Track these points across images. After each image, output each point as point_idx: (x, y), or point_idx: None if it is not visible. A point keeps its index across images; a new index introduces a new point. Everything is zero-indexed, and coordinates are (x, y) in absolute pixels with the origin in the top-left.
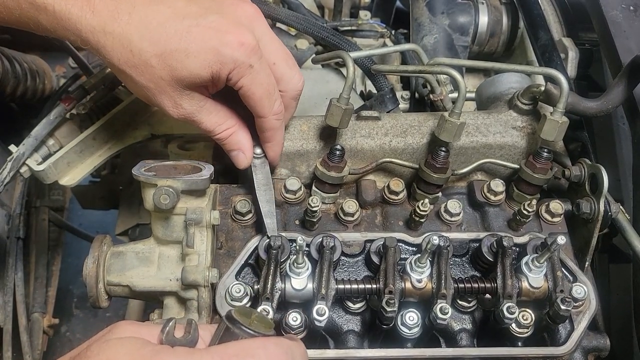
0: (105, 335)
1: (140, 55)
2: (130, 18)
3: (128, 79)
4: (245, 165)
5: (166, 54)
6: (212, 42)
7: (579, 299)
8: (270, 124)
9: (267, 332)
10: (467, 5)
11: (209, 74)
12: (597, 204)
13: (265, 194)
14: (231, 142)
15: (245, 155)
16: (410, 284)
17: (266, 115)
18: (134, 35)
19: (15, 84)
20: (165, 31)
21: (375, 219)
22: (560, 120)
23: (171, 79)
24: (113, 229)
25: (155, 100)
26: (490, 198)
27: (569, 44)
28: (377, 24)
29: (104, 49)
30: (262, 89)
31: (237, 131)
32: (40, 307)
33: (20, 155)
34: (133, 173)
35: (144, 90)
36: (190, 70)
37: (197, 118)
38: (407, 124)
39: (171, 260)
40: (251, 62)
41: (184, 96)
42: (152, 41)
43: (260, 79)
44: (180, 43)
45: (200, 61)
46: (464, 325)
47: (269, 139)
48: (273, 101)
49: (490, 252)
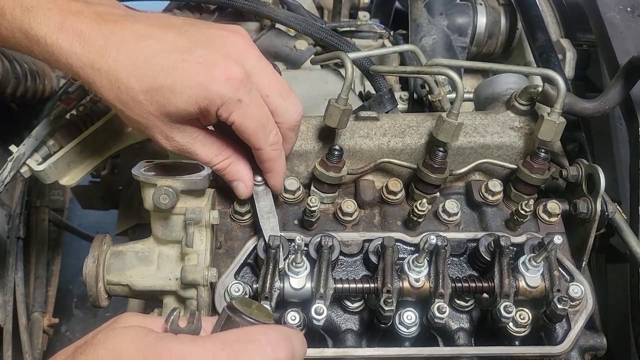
0: (110, 325)
1: (128, 92)
2: (118, 54)
3: (120, 113)
4: (246, 195)
5: (153, 90)
6: (198, 77)
7: (576, 299)
8: (268, 155)
9: (267, 320)
10: (466, 6)
11: (196, 110)
12: (594, 204)
13: (269, 222)
14: (230, 172)
15: (245, 185)
16: (408, 283)
17: (262, 147)
18: (121, 72)
19: (15, 85)
20: (152, 67)
21: (373, 219)
22: (557, 120)
23: (159, 114)
24: (113, 229)
25: (148, 133)
26: (488, 198)
27: (567, 45)
28: (376, 25)
29: (94, 85)
30: (254, 122)
31: (234, 161)
32: (40, 307)
33: (20, 155)
34: (132, 173)
35: (134, 124)
36: (177, 106)
37: (192, 150)
38: (405, 124)
39: (170, 260)
40: (239, 96)
41: (175, 129)
42: (139, 78)
43: (252, 113)
44: (166, 80)
45: (186, 97)
46: (462, 325)
47: (269, 170)
48: (267, 132)
49: (487, 251)
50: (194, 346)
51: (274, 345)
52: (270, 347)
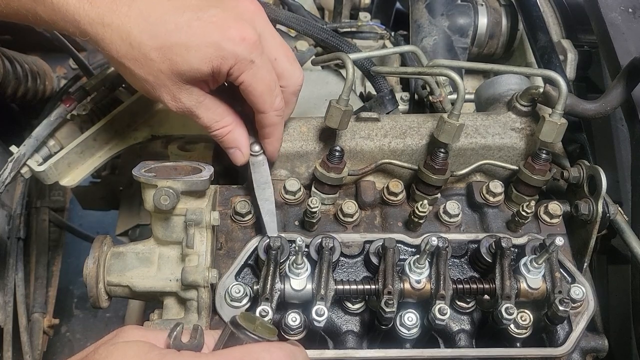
0: (112, 339)
1: (140, 49)
2: (130, 10)
3: (127, 72)
4: (243, 162)
5: (166, 47)
6: (213, 36)
7: (577, 300)
8: (271, 119)
9: (271, 337)
10: (467, 7)
11: (209, 69)
12: (595, 205)
13: (264, 192)
14: (228, 139)
15: (242, 153)
16: (409, 284)
17: (267, 110)
18: (133, 28)
19: (16, 85)
20: (165, 24)
21: (374, 220)
22: (559, 121)
23: (171, 72)
24: (113, 230)
25: (154, 93)
26: (489, 199)
27: (568, 45)
28: (377, 26)
29: (103, 41)
30: (263, 84)
31: (234, 129)
32: (40, 308)
33: (21, 155)
34: (133, 174)
35: (142, 82)
36: (191, 64)
37: (196, 113)
38: (406, 125)
39: (171, 261)
40: (252, 57)
41: (183, 91)
42: (152, 34)
43: (262, 75)
44: (180, 37)
45: (200, 55)
46: (463, 326)
47: (268, 135)
48: (274, 97)
49: (489, 253)
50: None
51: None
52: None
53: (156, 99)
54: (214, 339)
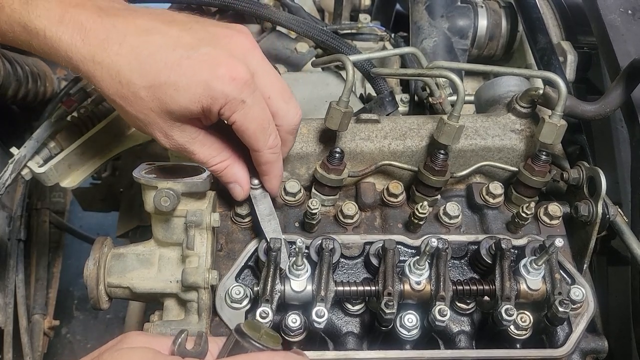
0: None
1: (129, 87)
2: (120, 48)
3: (119, 108)
4: (242, 197)
5: (155, 86)
6: (202, 75)
7: (577, 301)
8: (266, 158)
9: (275, 346)
10: (467, 8)
11: (199, 108)
12: (595, 206)
13: (270, 224)
14: (227, 175)
15: (242, 188)
16: (409, 286)
17: (261, 149)
18: (123, 66)
19: (16, 87)
20: (155, 63)
21: (374, 222)
22: (558, 123)
23: (161, 111)
24: (113, 231)
25: (147, 130)
26: (489, 200)
27: (568, 47)
28: (377, 27)
29: (94, 78)
30: (255, 123)
31: (232, 164)
32: (40, 309)
33: (21, 157)
34: (133, 175)
35: (134, 120)
36: (180, 104)
37: (190, 149)
38: (406, 126)
39: (171, 262)
40: (243, 97)
41: (175, 128)
42: (141, 73)
43: (254, 114)
44: (170, 76)
45: (190, 95)
46: (463, 327)
47: (266, 172)
48: (267, 135)
49: (488, 254)
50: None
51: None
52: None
53: (150, 135)
54: (218, 347)
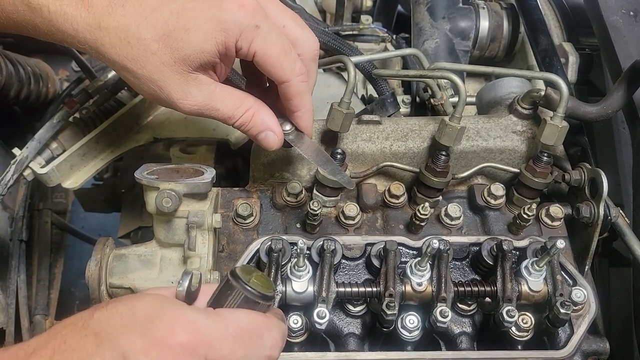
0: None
1: (139, 44)
2: (125, 10)
3: (131, 76)
4: (279, 144)
5: (165, 36)
6: (210, 11)
7: (579, 303)
8: (296, 87)
9: (265, 291)
10: (468, 10)
11: (214, 46)
12: (597, 208)
13: (320, 158)
14: (256, 123)
15: (275, 133)
16: (410, 287)
17: (289, 78)
18: (131, 25)
19: (19, 88)
20: (161, 14)
21: (376, 223)
22: (560, 124)
23: (174, 62)
24: (115, 232)
25: (163, 94)
26: (491, 202)
27: (570, 48)
28: (379, 29)
29: (103, 47)
30: (277, 48)
31: (258, 110)
32: (42, 310)
33: (23, 158)
34: (135, 176)
35: (148, 84)
36: (194, 46)
37: (211, 105)
38: (407, 128)
39: (173, 263)
40: (256, 22)
41: (192, 82)
42: (149, 27)
43: (272, 39)
44: (178, 21)
45: (202, 34)
46: (464, 329)
47: (297, 107)
48: (293, 61)
49: (490, 255)
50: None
51: (273, 346)
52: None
53: (166, 103)
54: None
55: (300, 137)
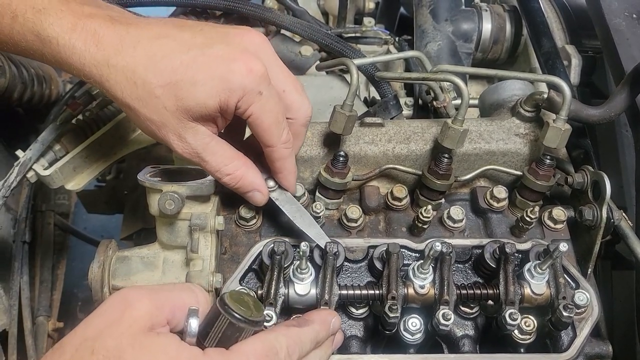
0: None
1: (144, 87)
2: (135, 51)
3: (132, 112)
4: (264, 202)
5: (172, 84)
6: (219, 70)
7: (582, 306)
8: (280, 153)
9: (254, 316)
10: (471, 12)
11: (216, 103)
12: (599, 211)
13: (303, 220)
14: (244, 184)
15: (261, 193)
16: (413, 290)
17: (275, 144)
18: (139, 67)
19: (22, 89)
20: (170, 62)
21: (378, 225)
22: (563, 127)
23: (176, 109)
24: (117, 233)
25: (160, 134)
26: (493, 205)
27: (572, 51)
28: (381, 31)
29: (107, 82)
30: (271, 116)
31: (247, 171)
32: (45, 311)
33: (27, 160)
34: (138, 178)
35: (147, 123)
36: (197, 99)
37: (202, 156)
38: (410, 130)
39: (175, 265)
40: (260, 89)
41: (189, 130)
42: (157, 72)
43: (270, 106)
44: (186, 73)
45: (207, 90)
46: (467, 331)
47: (280, 169)
48: (282, 129)
49: (492, 258)
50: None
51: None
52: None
53: (162, 141)
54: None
55: (284, 194)
